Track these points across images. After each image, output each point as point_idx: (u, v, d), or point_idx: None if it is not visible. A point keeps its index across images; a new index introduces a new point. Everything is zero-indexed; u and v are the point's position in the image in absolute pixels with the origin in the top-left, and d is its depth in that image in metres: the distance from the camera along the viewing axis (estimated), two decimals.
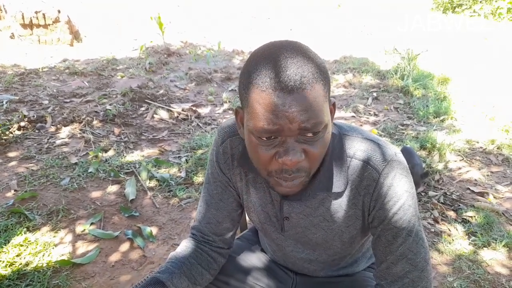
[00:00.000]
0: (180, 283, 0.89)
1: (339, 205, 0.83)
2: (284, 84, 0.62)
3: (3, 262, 1.76)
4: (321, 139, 0.68)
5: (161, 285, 0.85)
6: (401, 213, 0.78)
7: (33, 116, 3.34)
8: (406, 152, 2.39)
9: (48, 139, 3.02)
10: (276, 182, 0.73)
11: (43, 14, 5.97)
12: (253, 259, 1.12)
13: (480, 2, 9.66)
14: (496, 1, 9.34)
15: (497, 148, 3.16)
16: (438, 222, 2.22)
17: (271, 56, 0.65)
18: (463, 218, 2.26)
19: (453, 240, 2.08)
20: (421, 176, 2.24)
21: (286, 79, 0.62)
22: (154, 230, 2.09)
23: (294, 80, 0.62)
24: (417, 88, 4.50)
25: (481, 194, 2.52)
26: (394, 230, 0.79)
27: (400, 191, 0.77)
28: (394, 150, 0.80)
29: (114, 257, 1.89)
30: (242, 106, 0.73)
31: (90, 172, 2.56)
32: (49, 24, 6.05)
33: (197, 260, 0.95)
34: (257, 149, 0.70)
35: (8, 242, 1.88)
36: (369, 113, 3.95)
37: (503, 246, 2.01)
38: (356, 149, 0.80)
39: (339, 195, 0.82)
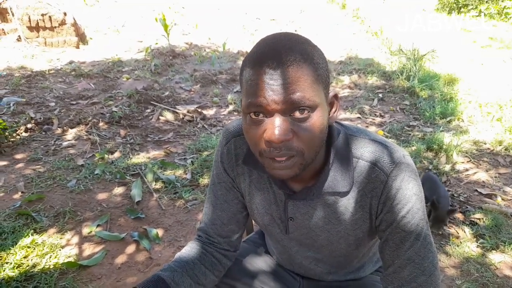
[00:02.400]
0: (182, 281, 0.88)
1: (345, 207, 0.82)
2: (270, 61, 0.64)
3: (11, 263, 1.76)
4: (311, 121, 0.67)
5: (162, 282, 0.85)
6: (410, 217, 0.77)
7: (40, 118, 3.37)
8: (430, 181, 2.23)
9: (54, 141, 3.04)
10: (269, 164, 0.71)
11: (50, 17, 6.01)
12: (260, 262, 1.11)
13: (486, 2, 9.60)
14: (502, 1, 9.27)
15: (505, 149, 3.13)
16: (445, 224, 2.20)
17: (265, 41, 0.69)
18: (471, 220, 2.24)
19: (461, 242, 2.06)
20: (448, 213, 2.07)
21: (272, 56, 0.65)
22: (160, 232, 2.09)
23: (279, 57, 0.64)
24: (423, 89, 4.48)
25: (489, 196, 2.50)
26: (402, 234, 0.78)
27: (408, 194, 0.76)
28: (402, 153, 0.79)
29: (121, 259, 1.89)
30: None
31: (97, 174, 2.57)
32: (55, 27, 6.10)
33: (200, 261, 0.95)
34: (249, 129, 0.71)
35: (16, 243, 1.89)
36: (375, 114, 3.93)
37: None
38: (364, 150, 0.79)
39: (344, 195, 0.81)
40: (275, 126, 0.66)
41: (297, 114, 0.66)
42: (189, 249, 0.97)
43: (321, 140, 0.72)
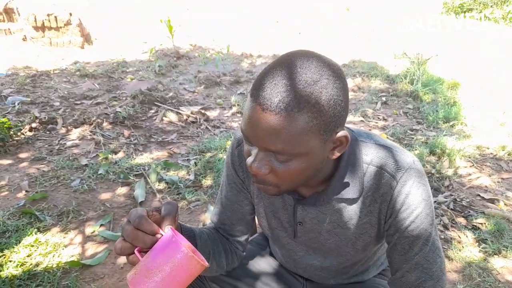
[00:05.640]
0: (205, 245, 0.89)
1: (354, 212, 0.83)
2: (261, 99, 0.62)
3: (14, 262, 1.78)
4: (291, 165, 0.67)
5: (193, 234, 0.87)
6: (418, 222, 0.77)
7: (44, 117, 3.38)
8: None
9: (59, 141, 3.06)
10: (253, 178, 0.74)
11: (55, 17, 6.05)
12: (263, 263, 1.12)
13: (491, 6, 9.59)
14: (507, 6, 9.26)
15: (508, 155, 3.12)
16: (448, 229, 2.20)
17: (275, 66, 0.64)
18: (473, 225, 2.23)
19: (463, 247, 2.06)
20: None
21: (265, 96, 0.61)
22: None
23: (271, 101, 0.61)
24: (427, 93, 4.48)
25: (492, 200, 2.49)
26: (411, 239, 0.78)
27: (417, 200, 0.77)
28: (412, 158, 0.79)
29: (123, 259, 1.90)
30: None
31: (100, 173, 2.58)
32: (60, 27, 6.13)
33: (220, 240, 0.97)
34: (243, 143, 0.73)
35: (19, 242, 1.90)
36: (378, 118, 3.94)
37: None
38: (374, 156, 0.79)
39: (353, 201, 0.82)
40: (253, 158, 0.68)
41: (277, 155, 0.66)
42: (209, 228, 0.99)
43: (303, 178, 0.71)
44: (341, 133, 0.68)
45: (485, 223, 2.23)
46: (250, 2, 9.98)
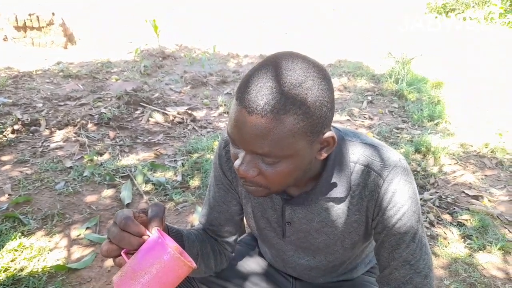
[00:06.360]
0: (193, 246, 0.88)
1: (342, 211, 0.83)
2: (247, 102, 0.61)
3: None
4: (278, 167, 0.67)
5: (180, 235, 0.86)
6: (405, 219, 0.78)
7: (27, 119, 3.32)
8: None
9: (42, 143, 3.00)
10: (240, 180, 0.74)
11: (37, 17, 5.93)
12: (252, 263, 1.11)
13: (473, 7, 9.78)
14: (488, 6, 9.46)
15: (491, 152, 3.19)
16: (433, 226, 2.23)
17: (260, 68, 0.64)
18: (458, 221, 2.27)
19: (449, 243, 2.09)
20: None
21: (250, 98, 0.61)
22: None
23: (256, 104, 0.60)
24: (411, 92, 4.54)
25: (476, 197, 2.54)
26: (398, 236, 0.79)
27: (404, 197, 0.78)
28: (398, 156, 0.80)
29: (110, 262, 1.87)
30: None
31: (85, 176, 2.54)
32: (43, 27, 6.02)
33: (208, 241, 0.96)
34: (231, 145, 0.73)
35: (3, 247, 1.86)
36: (364, 117, 3.97)
37: (498, 249, 2.03)
38: (360, 155, 0.80)
39: (341, 200, 0.82)
40: (240, 161, 0.68)
41: (265, 157, 0.66)
42: (197, 229, 0.98)
43: (292, 179, 0.71)
44: (328, 134, 0.68)
45: (469, 220, 2.27)
46: (238, 2, 9.97)
